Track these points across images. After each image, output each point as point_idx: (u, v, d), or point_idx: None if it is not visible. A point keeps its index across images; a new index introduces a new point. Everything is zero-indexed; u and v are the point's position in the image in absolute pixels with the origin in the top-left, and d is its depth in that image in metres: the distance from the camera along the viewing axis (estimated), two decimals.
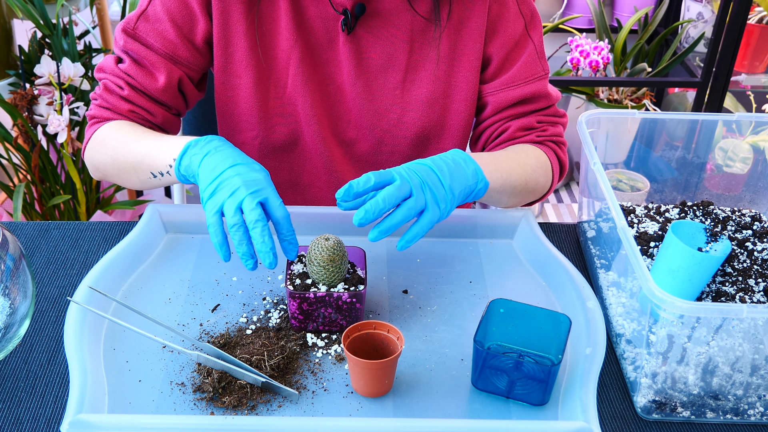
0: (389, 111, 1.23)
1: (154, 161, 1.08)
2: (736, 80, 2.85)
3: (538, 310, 0.94)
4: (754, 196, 1.22)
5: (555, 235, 1.24)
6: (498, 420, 0.89)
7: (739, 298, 0.95)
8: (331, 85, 1.22)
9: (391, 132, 1.25)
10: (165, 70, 1.17)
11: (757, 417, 0.91)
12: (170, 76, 1.17)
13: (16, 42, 2.29)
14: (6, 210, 2.32)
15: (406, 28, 1.19)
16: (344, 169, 1.29)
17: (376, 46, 1.19)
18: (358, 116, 1.24)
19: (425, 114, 1.23)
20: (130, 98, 1.17)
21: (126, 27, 1.16)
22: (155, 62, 1.17)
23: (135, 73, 1.17)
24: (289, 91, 1.21)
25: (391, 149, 1.26)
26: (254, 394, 0.91)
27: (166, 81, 1.17)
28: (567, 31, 2.80)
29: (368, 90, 1.22)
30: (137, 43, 1.16)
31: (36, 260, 1.13)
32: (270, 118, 1.23)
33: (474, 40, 1.20)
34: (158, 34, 1.16)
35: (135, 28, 1.16)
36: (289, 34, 1.18)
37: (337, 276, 0.98)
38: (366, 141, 1.26)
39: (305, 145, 1.26)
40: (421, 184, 0.97)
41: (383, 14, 1.18)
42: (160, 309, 1.04)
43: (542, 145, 1.24)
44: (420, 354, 0.98)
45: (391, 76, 1.21)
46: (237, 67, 1.19)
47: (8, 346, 0.90)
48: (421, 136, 1.25)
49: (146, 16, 1.16)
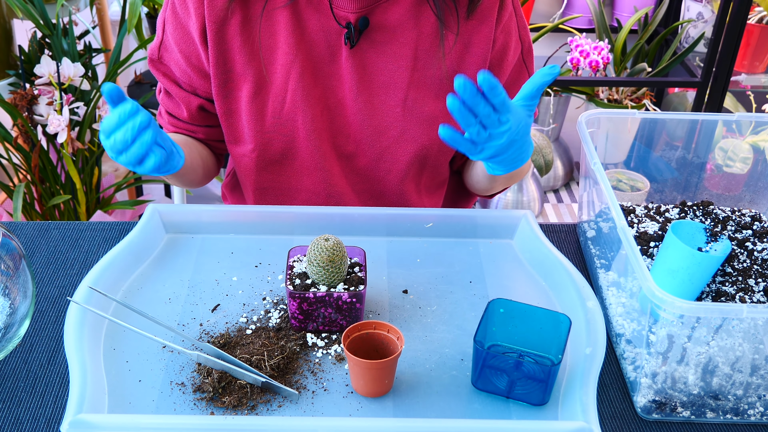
0: (390, 128, 1.22)
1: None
2: (736, 80, 2.85)
3: (538, 310, 0.94)
4: (754, 196, 1.22)
5: (555, 235, 1.24)
6: (498, 420, 0.89)
7: (739, 298, 0.95)
8: (332, 98, 1.21)
9: (391, 148, 1.23)
10: (183, 102, 1.23)
11: (757, 417, 0.91)
12: (189, 106, 1.23)
13: (16, 42, 2.29)
14: (6, 210, 2.32)
15: (410, 46, 1.17)
16: (342, 182, 1.28)
17: (379, 61, 1.17)
18: (358, 131, 1.23)
19: (426, 132, 1.21)
20: (172, 123, 1.27)
21: (152, 56, 1.22)
22: (177, 93, 1.23)
23: (167, 104, 1.26)
24: (288, 104, 1.19)
25: (389, 165, 1.25)
26: (254, 394, 0.91)
27: (187, 111, 1.24)
28: (567, 31, 2.80)
29: (370, 106, 1.20)
30: (160, 74, 1.23)
31: (36, 260, 1.13)
32: (267, 132, 1.22)
33: (478, 65, 1.18)
34: (176, 63, 1.20)
35: (160, 57, 1.21)
36: (289, 48, 1.16)
37: (337, 276, 0.98)
38: (365, 156, 1.25)
39: (303, 159, 1.24)
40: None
41: (387, 30, 1.16)
42: (160, 309, 1.04)
43: None
44: (420, 354, 0.98)
45: (393, 93, 1.19)
46: (236, 81, 1.19)
47: (8, 346, 0.90)
48: (420, 153, 1.23)
49: (165, 45, 1.21)
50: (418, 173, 1.26)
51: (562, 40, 2.80)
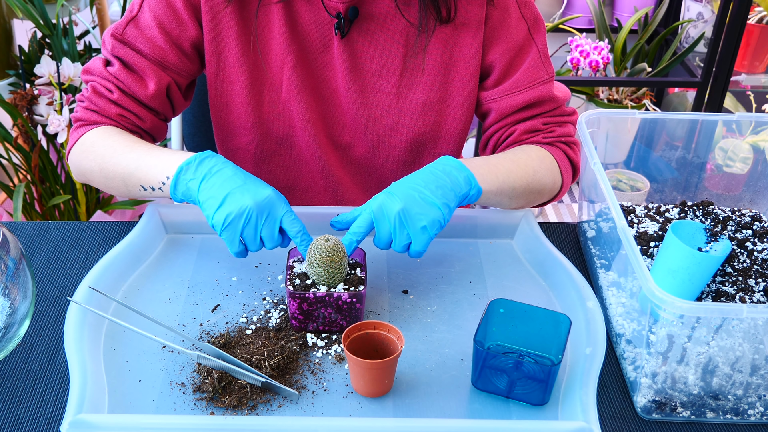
0: (384, 116, 1.23)
1: (146, 175, 1.07)
2: (736, 80, 2.85)
3: (538, 310, 0.94)
4: (754, 196, 1.22)
5: (555, 235, 1.24)
6: (498, 420, 0.89)
7: (739, 298, 0.95)
8: (326, 89, 1.22)
9: (387, 137, 1.24)
10: (154, 76, 1.16)
11: (757, 417, 0.91)
12: (159, 82, 1.17)
13: (16, 42, 2.29)
14: (6, 210, 2.32)
15: (401, 34, 1.18)
16: (340, 173, 1.28)
17: (370, 50, 1.19)
18: (353, 120, 1.24)
19: (420, 120, 1.22)
20: (120, 102, 1.16)
21: (115, 32, 1.16)
22: (145, 68, 1.16)
23: (125, 78, 1.16)
24: (284, 95, 1.20)
25: (386, 154, 1.26)
26: (254, 394, 0.91)
27: (156, 87, 1.16)
28: (567, 31, 2.80)
29: (363, 95, 1.21)
30: (127, 48, 1.16)
31: (36, 260, 1.13)
32: (264, 123, 1.22)
33: (470, 46, 1.19)
34: (147, 39, 1.15)
35: (124, 33, 1.15)
36: (283, 38, 1.17)
37: (337, 277, 0.98)
38: (361, 145, 1.26)
39: (300, 150, 1.25)
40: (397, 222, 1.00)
41: (377, 19, 1.17)
42: (160, 309, 1.04)
43: (550, 146, 1.22)
44: (420, 354, 0.98)
45: (386, 81, 1.21)
46: (230, 73, 1.19)
47: (8, 346, 0.90)
48: (416, 141, 1.24)
49: (136, 21, 1.16)
50: (415, 162, 1.27)
51: (562, 40, 2.80)
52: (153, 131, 1.22)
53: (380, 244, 1.02)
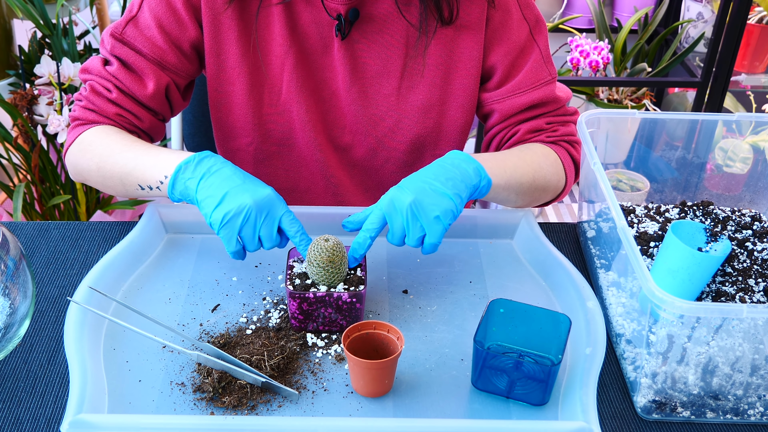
0: (384, 118, 1.22)
1: (143, 174, 1.07)
2: (736, 80, 2.85)
3: (538, 310, 0.94)
4: (754, 196, 1.22)
5: (555, 235, 1.24)
6: (498, 420, 0.89)
7: (739, 298, 0.95)
8: (326, 90, 1.22)
9: (387, 138, 1.24)
10: (153, 76, 1.16)
11: (757, 417, 0.91)
12: (158, 82, 1.17)
13: (16, 42, 2.29)
14: (6, 210, 2.32)
15: (401, 35, 1.18)
16: (340, 174, 1.28)
17: (371, 51, 1.19)
18: (353, 122, 1.23)
19: (421, 121, 1.22)
20: (118, 101, 1.16)
21: (114, 31, 1.16)
22: (144, 68, 1.16)
23: (123, 77, 1.16)
24: (284, 96, 1.20)
25: (386, 155, 1.26)
26: (254, 394, 0.91)
27: (155, 87, 1.16)
28: (567, 31, 2.80)
29: (363, 96, 1.21)
30: (126, 48, 1.15)
31: (36, 260, 1.13)
32: (265, 124, 1.22)
33: (471, 47, 1.19)
34: (147, 39, 1.15)
35: (123, 32, 1.15)
36: (283, 40, 1.17)
37: (337, 277, 0.98)
38: (361, 147, 1.26)
39: (300, 151, 1.25)
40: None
41: (377, 20, 1.17)
42: (160, 309, 1.04)
43: (554, 144, 1.22)
44: (420, 354, 0.98)
45: (386, 82, 1.20)
46: (230, 74, 1.19)
47: (8, 346, 0.90)
48: (416, 142, 1.24)
49: (135, 21, 1.16)
50: (416, 163, 1.27)
51: (562, 40, 2.80)
52: (151, 131, 1.22)
53: (394, 239, 1.00)
